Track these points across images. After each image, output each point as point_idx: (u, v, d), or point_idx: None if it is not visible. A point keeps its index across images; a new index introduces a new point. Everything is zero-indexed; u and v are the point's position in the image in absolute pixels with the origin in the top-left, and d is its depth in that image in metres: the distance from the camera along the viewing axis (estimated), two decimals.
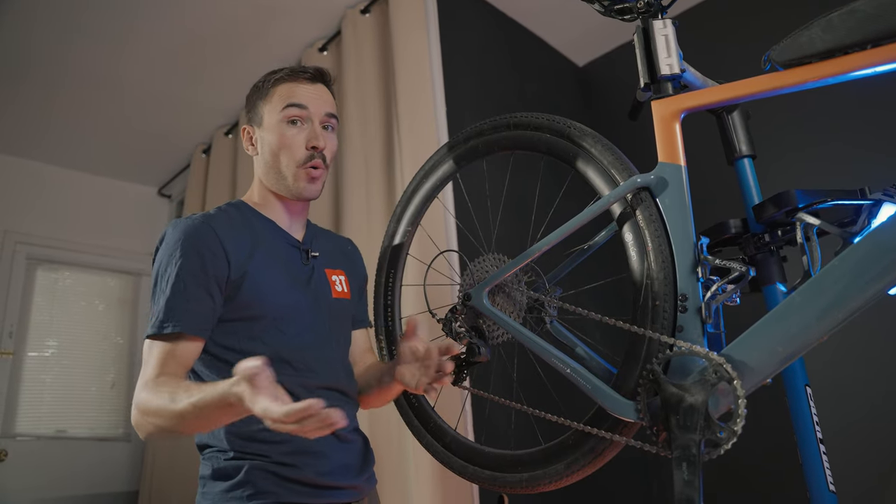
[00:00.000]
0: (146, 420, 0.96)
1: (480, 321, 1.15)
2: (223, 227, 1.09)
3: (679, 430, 0.85)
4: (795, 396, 0.94)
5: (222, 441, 1.04)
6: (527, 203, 1.35)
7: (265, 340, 1.07)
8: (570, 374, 0.99)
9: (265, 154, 1.18)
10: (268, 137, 1.17)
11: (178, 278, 1.02)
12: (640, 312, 0.96)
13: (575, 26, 2.88)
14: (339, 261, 1.27)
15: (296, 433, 0.78)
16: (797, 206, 0.92)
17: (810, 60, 0.88)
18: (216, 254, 1.05)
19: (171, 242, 1.06)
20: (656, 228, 0.97)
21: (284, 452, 1.03)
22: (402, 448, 1.92)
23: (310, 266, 1.19)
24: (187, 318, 1.01)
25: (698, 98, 1.00)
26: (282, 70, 1.20)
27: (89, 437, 3.49)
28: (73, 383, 3.56)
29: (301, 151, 1.15)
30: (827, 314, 0.81)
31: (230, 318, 1.06)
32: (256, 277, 1.08)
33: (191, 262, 1.03)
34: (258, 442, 1.02)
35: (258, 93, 1.21)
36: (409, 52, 2.27)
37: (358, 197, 2.32)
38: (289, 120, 1.15)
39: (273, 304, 1.08)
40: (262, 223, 1.17)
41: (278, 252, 1.15)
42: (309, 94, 1.18)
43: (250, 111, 1.22)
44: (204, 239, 1.05)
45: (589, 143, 1.08)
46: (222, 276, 1.05)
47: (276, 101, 1.17)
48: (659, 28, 1.03)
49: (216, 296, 1.04)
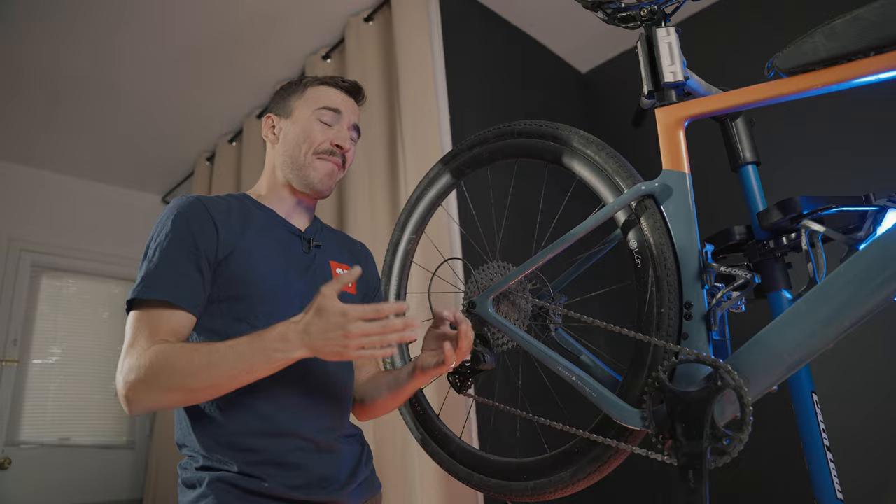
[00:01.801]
0: (151, 386, 0.91)
1: (485, 329, 1.15)
2: (216, 205, 1.09)
3: (685, 438, 0.85)
4: (801, 404, 0.94)
5: (195, 444, 1.01)
6: (531, 211, 1.36)
7: (251, 322, 1.02)
8: (575, 381, 0.99)
9: (287, 142, 1.18)
10: (294, 129, 1.18)
11: (167, 249, 1.01)
12: (646, 320, 0.96)
13: (578, 33, 2.89)
14: (346, 258, 1.25)
15: (368, 344, 0.85)
16: (802, 213, 0.92)
17: (814, 68, 0.89)
18: (205, 227, 1.04)
19: (163, 216, 1.06)
20: (661, 236, 0.97)
21: (252, 462, 0.98)
22: (406, 456, 1.92)
23: (311, 254, 1.16)
24: (176, 289, 0.99)
25: (702, 105, 1.00)
26: (323, 76, 1.25)
27: (93, 445, 3.50)
28: (78, 391, 3.56)
29: (325, 144, 1.17)
30: (833, 321, 0.81)
31: (217, 299, 1.04)
32: (245, 256, 1.06)
33: (181, 235, 1.02)
34: (229, 449, 0.99)
35: (294, 88, 1.23)
36: (412, 59, 2.28)
37: (361, 205, 2.33)
38: (322, 119, 1.18)
39: (262, 284, 1.05)
40: (261, 211, 1.16)
41: (275, 236, 1.13)
42: (344, 101, 1.22)
43: (279, 103, 1.24)
44: (195, 212, 1.05)
45: (593, 150, 1.08)
46: (211, 249, 1.03)
47: (312, 99, 1.19)
48: (662, 36, 1.03)
49: (205, 272, 1.02)
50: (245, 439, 0.99)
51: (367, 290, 1.28)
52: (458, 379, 1.17)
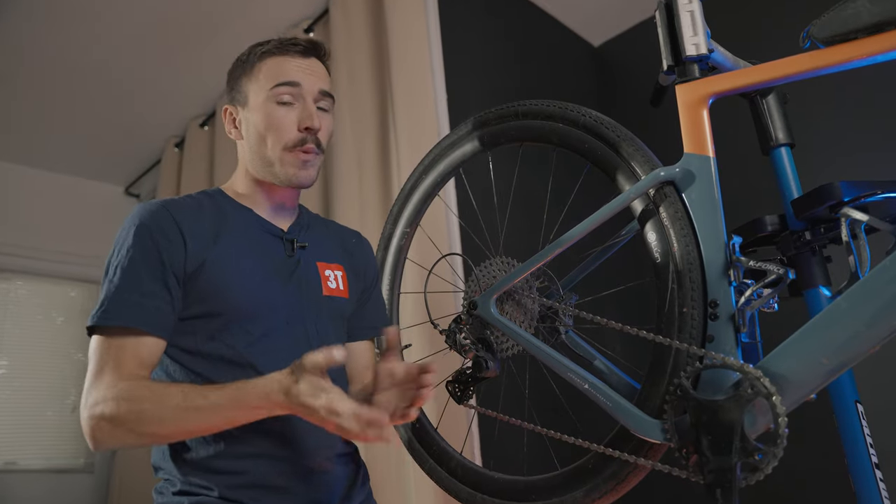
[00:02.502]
0: (118, 427, 0.93)
1: (488, 332, 1.15)
2: (183, 211, 1.08)
3: (712, 453, 0.85)
4: (845, 414, 0.94)
5: (171, 468, 1.02)
6: (538, 201, 1.36)
7: (226, 341, 1.03)
8: (587, 389, 0.99)
9: (250, 138, 1.15)
10: (253, 118, 1.14)
11: (129, 267, 1.00)
12: (666, 321, 0.96)
13: (589, 3, 2.89)
14: (336, 255, 1.23)
15: (350, 437, 0.84)
16: (842, 200, 0.92)
17: (856, 36, 0.89)
18: (171, 238, 1.03)
19: (125, 228, 1.05)
20: (682, 227, 0.97)
21: (234, 486, 0.99)
22: (402, 474, 1.92)
23: (295, 258, 1.15)
24: (141, 312, 0.98)
25: (729, 81, 1.00)
26: (269, 42, 1.16)
27: (45, 469, 3.48)
28: (26, 407, 3.54)
29: (292, 133, 1.12)
30: (878, 321, 0.81)
31: (188, 316, 1.03)
32: (218, 267, 1.05)
33: (145, 249, 1.01)
34: (207, 472, 1.00)
35: (242, 67, 1.18)
36: (405, 32, 2.28)
37: (350, 195, 2.33)
38: (279, 100, 1.12)
39: (237, 299, 1.05)
40: (236, 211, 1.15)
41: (253, 241, 1.12)
42: (301, 69, 1.14)
43: (232, 89, 1.19)
44: (159, 223, 1.04)
45: (606, 132, 1.08)
46: (178, 263, 1.02)
47: (264, 78, 1.14)
48: (684, 4, 1.03)
49: (174, 289, 1.02)
50: (226, 461, 1.00)
51: (365, 285, 1.28)
52: (459, 388, 1.17)
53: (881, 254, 0.86)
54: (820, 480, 1.89)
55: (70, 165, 3.87)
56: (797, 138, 1.10)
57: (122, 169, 3.99)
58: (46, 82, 3.13)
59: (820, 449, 1.48)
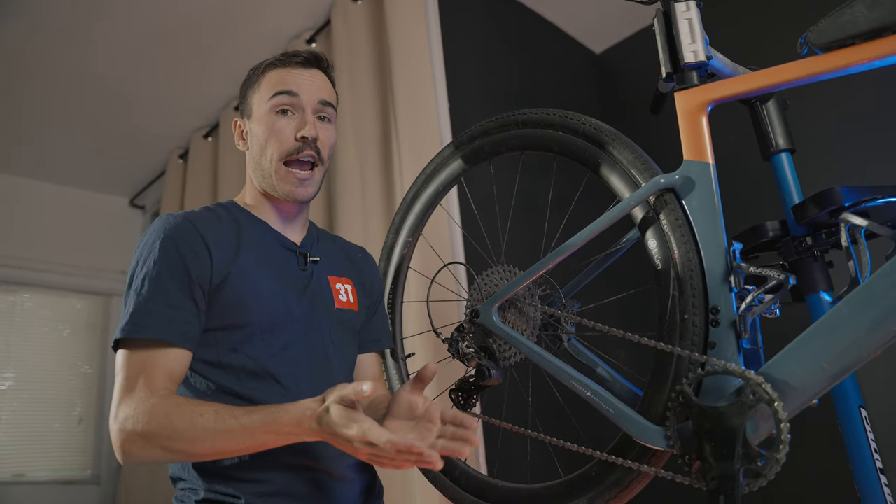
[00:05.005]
0: (149, 442, 0.94)
1: (490, 340, 1.16)
2: (207, 224, 1.09)
3: (714, 459, 0.85)
4: (848, 420, 0.94)
5: (194, 477, 1.03)
6: (539, 209, 1.36)
7: (248, 353, 1.05)
8: (590, 397, 0.99)
9: (254, 149, 1.18)
10: (256, 129, 1.17)
11: (157, 279, 1.01)
12: (668, 328, 0.96)
13: (590, 10, 2.90)
14: (345, 269, 1.25)
15: (382, 465, 0.86)
16: (843, 205, 0.92)
17: (853, 42, 0.89)
18: (198, 253, 1.05)
19: (149, 240, 1.06)
20: (683, 234, 0.97)
21: (261, 494, 1.00)
22: (406, 482, 1.92)
23: (308, 272, 1.17)
24: (170, 325, 0.99)
25: (728, 87, 1.00)
26: (274, 57, 1.20)
27: (52, 481, 3.48)
28: (34, 420, 3.55)
29: (289, 142, 1.13)
30: (879, 326, 0.81)
31: (210, 328, 1.05)
32: (241, 280, 1.07)
33: (171, 262, 1.02)
34: (232, 480, 1.01)
35: (249, 81, 1.21)
36: (406, 42, 2.29)
37: (353, 204, 2.34)
38: (278, 109, 1.14)
39: (259, 311, 1.06)
40: (252, 224, 1.17)
41: (269, 254, 1.14)
42: (301, 79, 1.17)
43: (241, 102, 1.23)
44: (185, 236, 1.05)
45: (606, 140, 1.09)
46: (204, 276, 1.04)
47: (265, 89, 1.16)
48: (682, 11, 1.04)
49: (200, 301, 1.03)
50: (251, 471, 1.01)
51: (371, 300, 1.29)
52: (462, 396, 1.17)
53: (881, 259, 0.86)
54: (824, 486, 1.87)
55: (74, 177, 3.88)
56: (798, 144, 1.11)
57: (126, 180, 4.00)
58: (50, 95, 3.15)
59: (824, 455, 1.47)
